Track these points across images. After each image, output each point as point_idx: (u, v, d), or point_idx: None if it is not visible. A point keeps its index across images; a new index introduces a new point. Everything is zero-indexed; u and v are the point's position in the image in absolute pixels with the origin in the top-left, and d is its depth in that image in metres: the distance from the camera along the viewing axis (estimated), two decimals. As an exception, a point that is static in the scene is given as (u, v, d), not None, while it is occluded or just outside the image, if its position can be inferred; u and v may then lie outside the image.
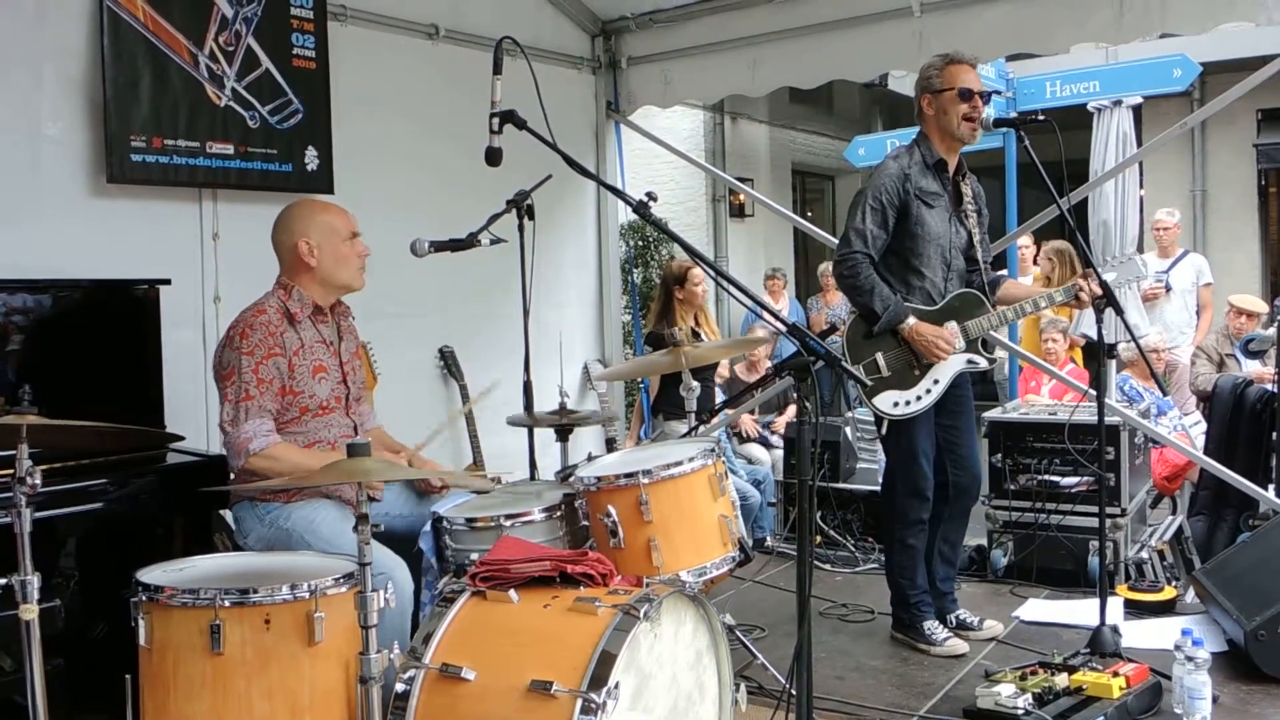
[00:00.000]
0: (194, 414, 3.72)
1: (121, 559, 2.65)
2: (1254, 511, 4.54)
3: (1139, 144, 7.91)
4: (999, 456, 4.63)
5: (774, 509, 5.43)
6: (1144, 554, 4.44)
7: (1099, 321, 3.55)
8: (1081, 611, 3.89)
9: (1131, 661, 3.22)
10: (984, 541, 4.64)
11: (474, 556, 2.74)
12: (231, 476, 3.10)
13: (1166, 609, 4.01)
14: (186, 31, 3.92)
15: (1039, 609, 4.11)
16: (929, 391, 3.64)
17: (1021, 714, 2.99)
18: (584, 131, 5.80)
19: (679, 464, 2.94)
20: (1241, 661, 3.39)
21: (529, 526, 2.90)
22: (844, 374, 2.51)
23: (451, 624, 2.43)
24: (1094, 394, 3.67)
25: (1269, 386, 4.99)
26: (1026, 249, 7.55)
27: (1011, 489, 4.58)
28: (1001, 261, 6.85)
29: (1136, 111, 8.02)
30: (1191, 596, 4.08)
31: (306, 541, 2.90)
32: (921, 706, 3.30)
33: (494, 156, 2.96)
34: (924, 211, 3.63)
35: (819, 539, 5.11)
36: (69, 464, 2.96)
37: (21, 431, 2.19)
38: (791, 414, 6.45)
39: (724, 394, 5.99)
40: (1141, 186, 8.78)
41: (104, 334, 3.40)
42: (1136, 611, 3.98)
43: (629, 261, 8.64)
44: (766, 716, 2.79)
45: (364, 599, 2.19)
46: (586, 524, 2.99)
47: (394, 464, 2.74)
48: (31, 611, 2.18)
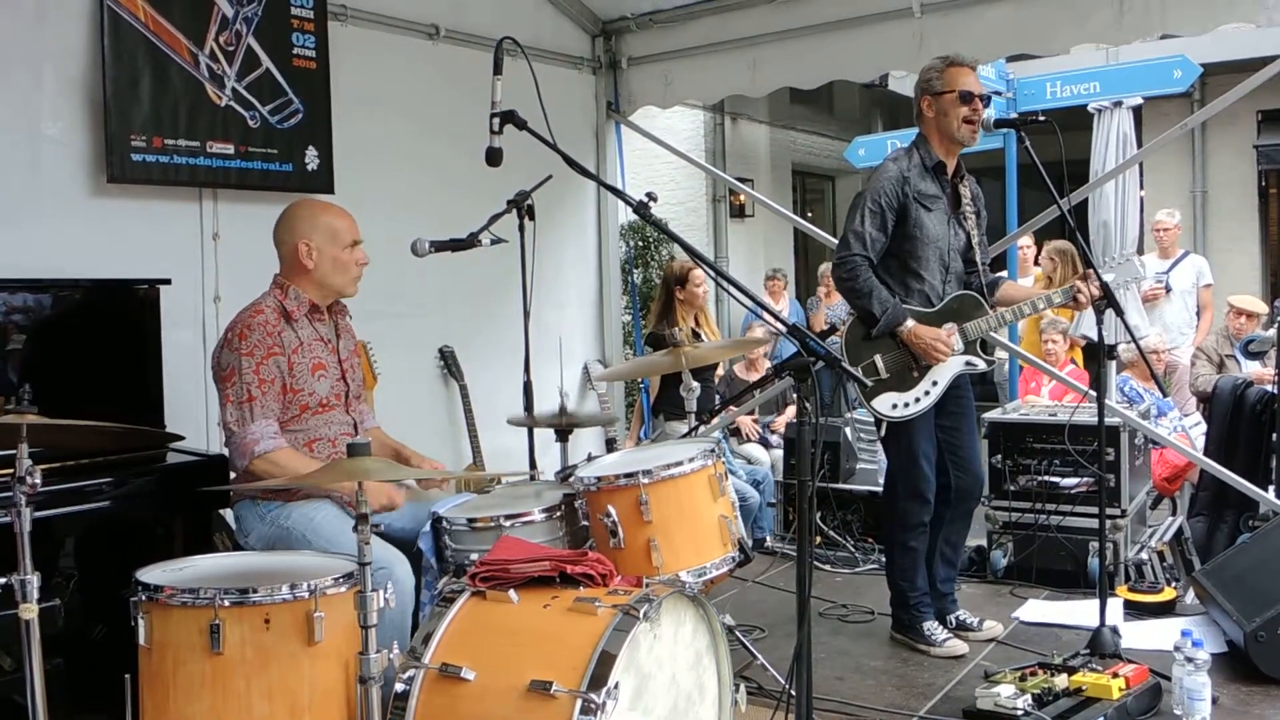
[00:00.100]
0: (194, 414, 3.72)
1: (121, 559, 2.66)
2: (1254, 513, 4.53)
3: (1139, 145, 7.91)
4: (999, 457, 4.62)
5: (774, 509, 5.43)
6: (1144, 555, 4.44)
7: (1099, 322, 3.55)
8: (1081, 612, 3.89)
9: (1131, 662, 3.21)
10: (984, 542, 4.64)
11: (474, 556, 2.74)
12: (232, 476, 3.10)
13: (1166, 610, 4.01)
14: (187, 31, 3.92)
15: (1039, 610, 4.11)
16: (928, 393, 3.64)
17: (1021, 715, 2.99)
18: (584, 132, 5.79)
19: (679, 464, 2.94)
20: (1241, 662, 3.39)
21: (529, 527, 2.90)
22: (844, 375, 2.51)
23: (451, 624, 2.43)
24: (1094, 395, 3.67)
25: (1269, 387, 4.99)
26: (1027, 249, 7.55)
27: (1011, 490, 4.58)
28: (1002, 262, 6.84)
29: (1137, 112, 8.02)
30: (1191, 597, 4.08)
31: (307, 540, 2.90)
32: (921, 707, 3.29)
33: (494, 157, 2.96)
34: (922, 214, 3.63)
35: (819, 539, 5.11)
36: (69, 464, 2.95)
37: (21, 431, 2.19)
38: (791, 413, 6.45)
39: (720, 393, 5.99)
40: (1142, 187, 8.78)
41: (104, 334, 3.40)
42: (1136, 612, 3.98)
43: (629, 262, 8.64)
44: (766, 717, 2.79)
45: (364, 599, 2.19)
46: (586, 524, 2.99)
47: (394, 464, 2.74)
48: (31, 611, 2.18)
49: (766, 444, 6.67)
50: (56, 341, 3.25)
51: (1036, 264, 7.49)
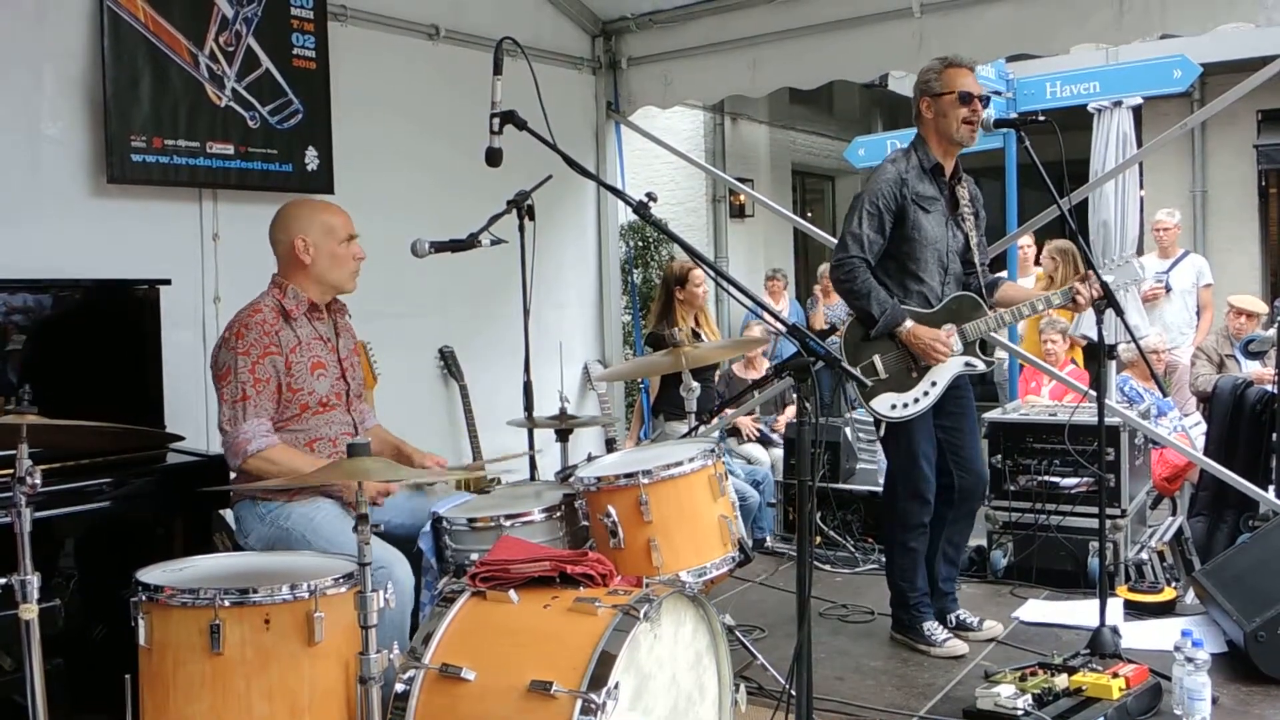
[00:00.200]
0: (194, 414, 3.72)
1: (121, 559, 2.66)
2: (1254, 512, 4.53)
3: (1139, 145, 7.91)
4: (999, 457, 4.62)
5: (774, 509, 5.43)
6: (1144, 555, 4.44)
7: (1099, 322, 3.55)
8: (1081, 612, 3.89)
9: (1131, 662, 3.21)
10: (984, 542, 4.64)
11: (474, 557, 2.74)
12: (232, 476, 3.10)
13: (1166, 610, 4.01)
14: (187, 31, 3.92)
15: (1039, 610, 4.11)
16: (927, 394, 3.64)
17: (1021, 715, 2.99)
18: (584, 132, 5.80)
19: (679, 464, 2.94)
20: (1241, 662, 3.39)
21: (529, 527, 2.90)
22: (844, 375, 2.51)
23: (451, 624, 2.43)
24: (1094, 395, 3.67)
25: (1269, 387, 4.99)
26: (1028, 249, 7.54)
27: (1011, 490, 4.58)
28: (1002, 262, 6.84)
29: (1136, 112, 8.02)
30: (1191, 597, 4.08)
31: (307, 540, 2.90)
32: (921, 707, 3.29)
33: (494, 157, 2.96)
34: (920, 216, 3.63)
35: (819, 540, 5.11)
36: (69, 464, 2.96)
37: (21, 431, 2.19)
38: (792, 413, 6.45)
39: (720, 393, 5.99)
40: (1142, 187, 8.78)
41: (104, 334, 3.40)
42: (1136, 612, 3.98)
43: (629, 262, 8.64)
44: (766, 717, 2.79)
45: (364, 599, 2.19)
46: (586, 524, 2.99)
47: (393, 464, 2.73)
48: (31, 611, 2.18)
49: (766, 443, 6.66)
50: (56, 342, 3.25)
51: (1037, 264, 7.49)
